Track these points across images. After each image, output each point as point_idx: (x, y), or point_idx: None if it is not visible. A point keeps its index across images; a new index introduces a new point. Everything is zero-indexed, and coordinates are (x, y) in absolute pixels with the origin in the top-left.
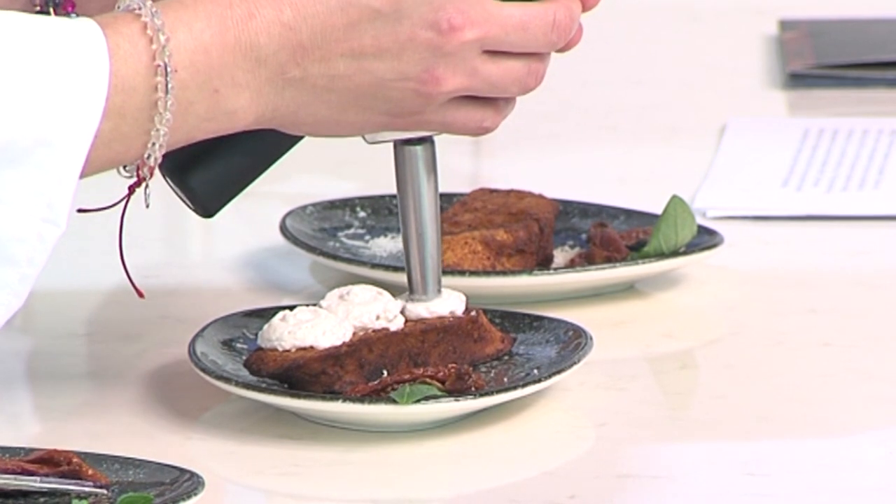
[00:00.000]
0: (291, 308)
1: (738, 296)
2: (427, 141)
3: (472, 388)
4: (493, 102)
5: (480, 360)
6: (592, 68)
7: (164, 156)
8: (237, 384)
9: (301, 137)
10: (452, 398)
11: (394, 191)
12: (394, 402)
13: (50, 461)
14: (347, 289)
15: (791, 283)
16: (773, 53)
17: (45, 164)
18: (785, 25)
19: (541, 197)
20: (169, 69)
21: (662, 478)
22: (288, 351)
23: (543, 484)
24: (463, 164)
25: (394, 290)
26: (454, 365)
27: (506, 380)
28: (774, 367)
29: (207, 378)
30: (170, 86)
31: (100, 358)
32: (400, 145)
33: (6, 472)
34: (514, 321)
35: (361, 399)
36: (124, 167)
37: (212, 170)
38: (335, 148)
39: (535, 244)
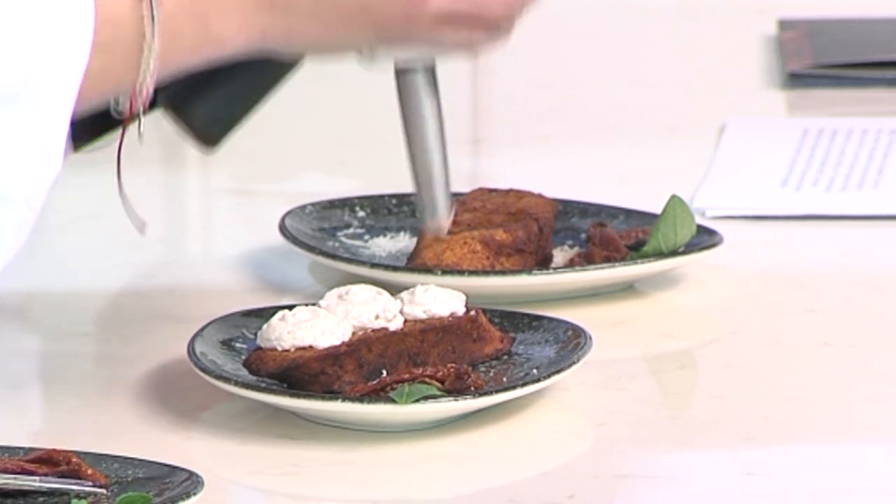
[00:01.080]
0: (290, 308)
1: (737, 296)
2: (426, 66)
3: (472, 388)
4: (484, 23)
5: (479, 360)
6: (591, 68)
7: (164, 89)
8: (236, 384)
9: (298, 63)
10: (451, 398)
11: (393, 190)
12: (393, 401)
13: (49, 461)
14: (346, 288)
15: (790, 282)
16: (773, 53)
17: (38, 102)
18: (784, 25)
19: (540, 196)
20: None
21: (661, 478)
22: (287, 351)
23: (542, 484)
24: (462, 164)
25: (393, 289)
26: (453, 365)
27: (505, 379)
28: (774, 367)
29: (207, 378)
30: (155, 16)
31: (99, 357)
32: (401, 73)
33: (5, 471)
34: (514, 321)
35: (360, 399)
36: (116, 105)
37: (211, 100)
38: (335, 147)
39: (535, 244)
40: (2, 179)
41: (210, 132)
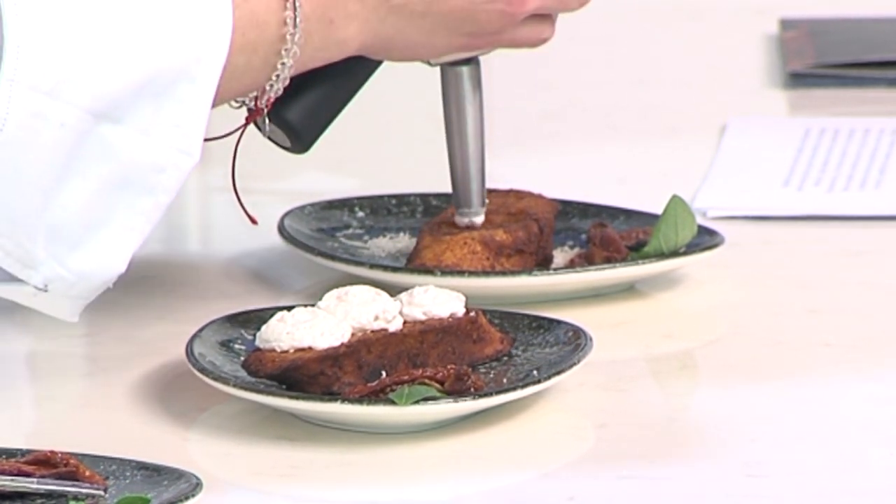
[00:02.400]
0: (289, 309)
1: (738, 296)
2: (473, 61)
3: (471, 390)
4: (550, 16)
5: (479, 361)
6: (592, 68)
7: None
8: (235, 385)
9: (380, 63)
10: (451, 399)
11: (393, 191)
12: (392, 403)
13: (47, 462)
14: (346, 289)
15: (792, 283)
16: (774, 53)
17: (184, 96)
18: (785, 24)
19: (540, 197)
20: (297, 3)
21: (662, 479)
22: (286, 352)
23: (543, 485)
24: None
25: (392, 290)
26: (453, 366)
27: (505, 381)
28: (775, 368)
29: (205, 379)
30: (298, 21)
31: (97, 358)
32: (448, 66)
33: (3, 473)
34: (514, 322)
35: (360, 400)
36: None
37: (305, 102)
38: (333, 147)
39: (535, 244)
40: (147, 169)
41: (305, 134)
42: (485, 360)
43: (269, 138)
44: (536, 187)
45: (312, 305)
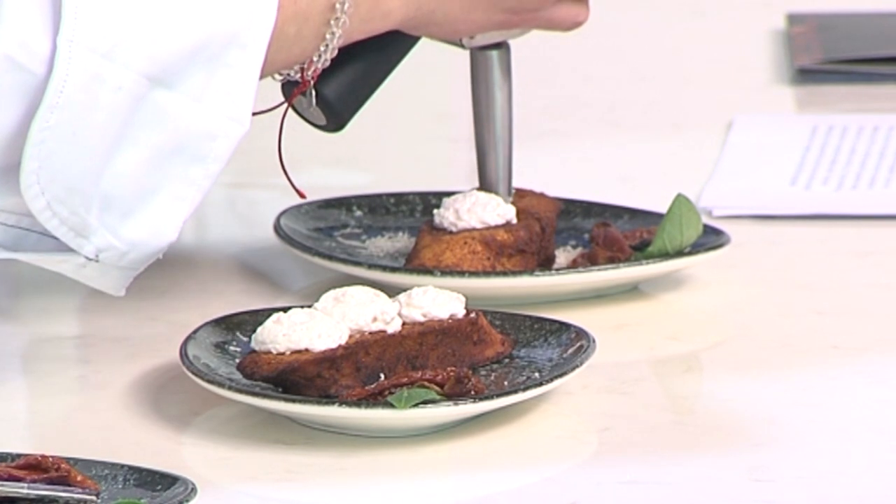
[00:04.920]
0: (286, 310)
1: (744, 297)
2: (503, 46)
3: (472, 393)
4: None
5: (480, 364)
6: (595, 63)
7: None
8: (230, 388)
9: (416, 41)
10: (451, 402)
11: (391, 189)
12: (391, 406)
13: (38, 467)
14: (343, 290)
15: (799, 284)
16: (781, 48)
17: (235, 63)
18: (792, 19)
19: (542, 195)
20: None
21: (667, 484)
22: (282, 354)
23: (545, 490)
24: (463, 162)
25: (391, 291)
26: (453, 368)
27: (506, 383)
28: (782, 371)
29: (199, 381)
30: None
31: (89, 361)
32: (477, 50)
33: None
34: (515, 323)
35: (358, 403)
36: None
37: (343, 78)
38: (330, 144)
39: (537, 244)
40: (198, 137)
41: (342, 110)
42: (485, 363)
43: (303, 117)
44: (538, 186)
45: (309, 306)
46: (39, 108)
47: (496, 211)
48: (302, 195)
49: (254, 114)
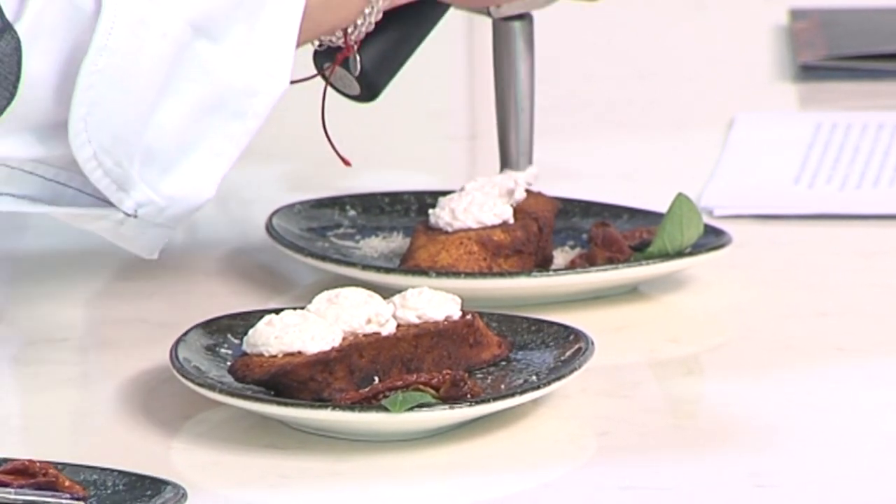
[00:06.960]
0: (278, 311)
1: (746, 298)
2: (526, 17)
3: (468, 396)
4: None
5: (476, 366)
6: (594, 60)
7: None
8: (221, 391)
9: (447, 9)
10: (447, 406)
11: (385, 189)
12: (385, 410)
13: (26, 472)
14: (337, 291)
15: (802, 284)
16: (784, 44)
17: (275, 19)
18: (795, 15)
19: (540, 195)
20: None
21: (667, 489)
22: (275, 356)
23: (542, 496)
24: (459, 160)
25: (385, 292)
26: (449, 371)
27: (503, 387)
28: (784, 373)
29: (190, 385)
30: None
31: (77, 364)
32: (500, 21)
33: None
34: (512, 325)
35: (352, 407)
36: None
37: (377, 46)
38: (323, 142)
39: (534, 244)
40: (238, 93)
41: (376, 79)
42: (482, 365)
43: (335, 87)
44: (536, 185)
45: (302, 308)
46: (89, 51)
47: (493, 211)
48: (347, 162)
49: (292, 82)
